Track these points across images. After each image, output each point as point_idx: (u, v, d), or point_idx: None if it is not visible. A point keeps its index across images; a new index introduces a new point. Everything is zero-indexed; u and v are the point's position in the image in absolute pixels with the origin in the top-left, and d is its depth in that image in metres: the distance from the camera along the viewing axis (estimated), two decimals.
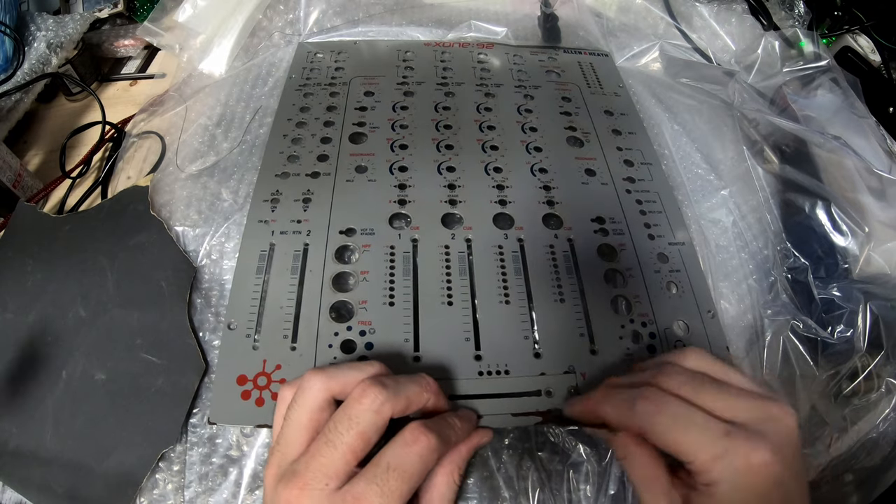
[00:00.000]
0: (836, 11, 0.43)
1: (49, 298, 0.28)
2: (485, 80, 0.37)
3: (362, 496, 0.17)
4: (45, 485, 0.24)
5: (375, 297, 0.26)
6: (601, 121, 0.34)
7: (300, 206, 0.29)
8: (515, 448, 0.24)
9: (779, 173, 0.33)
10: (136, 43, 0.44)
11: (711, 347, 0.26)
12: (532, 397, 0.24)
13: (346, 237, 0.28)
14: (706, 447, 0.18)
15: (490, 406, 0.23)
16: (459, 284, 0.26)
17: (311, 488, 0.18)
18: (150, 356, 0.26)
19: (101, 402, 0.25)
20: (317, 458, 0.18)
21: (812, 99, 0.35)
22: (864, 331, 0.27)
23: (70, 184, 0.34)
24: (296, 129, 0.33)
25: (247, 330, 0.25)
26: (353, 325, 0.25)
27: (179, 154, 0.33)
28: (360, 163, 0.31)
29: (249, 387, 0.24)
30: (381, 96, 0.35)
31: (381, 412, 0.19)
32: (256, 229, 0.28)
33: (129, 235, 0.29)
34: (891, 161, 0.31)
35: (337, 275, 0.27)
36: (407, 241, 0.28)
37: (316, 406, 0.19)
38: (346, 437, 0.18)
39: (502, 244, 0.28)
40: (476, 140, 0.33)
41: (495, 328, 0.25)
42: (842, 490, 0.27)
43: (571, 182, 0.31)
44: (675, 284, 0.28)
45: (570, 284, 0.27)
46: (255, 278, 0.26)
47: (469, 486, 0.23)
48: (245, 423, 0.24)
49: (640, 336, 0.26)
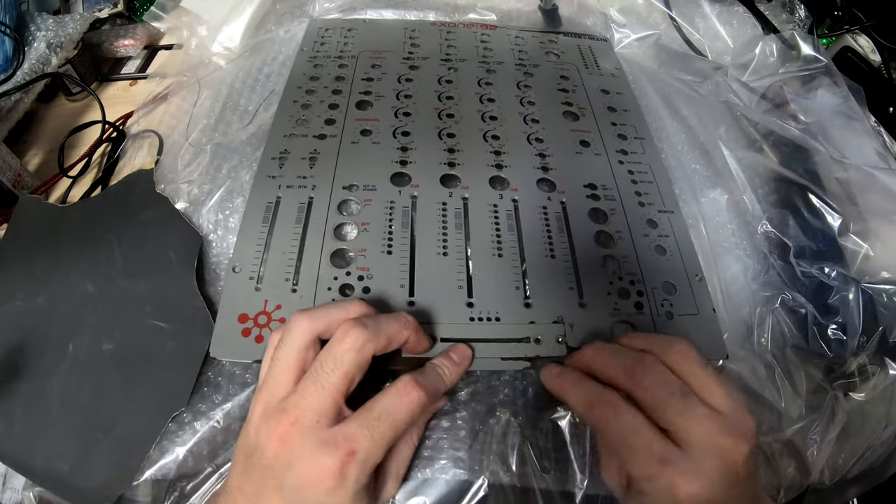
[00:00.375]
0: (836, 11, 0.43)
1: (57, 280, 0.28)
2: (487, 58, 0.38)
3: (353, 437, 0.18)
4: (51, 464, 0.24)
5: (374, 245, 0.27)
6: (597, 98, 0.36)
7: (306, 163, 0.30)
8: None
9: (762, 162, 0.33)
10: (136, 43, 0.44)
11: (698, 308, 0.27)
12: (521, 343, 0.25)
13: (349, 192, 0.29)
14: (642, 465, 0.19)
15: (480, 350, 0.24)
16: (455, 237, 0.28)
17: (302, 424, 0.19)
18: (158, 322, 0.27)
19: (108, 372, 0.26)
20: (305, 398, 0.19)
21: (811, 99, 0.36)
22: (858, 315, 0.28)
23: (70, 182, 0.35)
24: (305, 95, 0.34)
25: (250, 273, 0.26)
26: (352, 270, 0.26)
27: (188, 132, 0.34)
28: (365, 127, 0.32)
29: (250, 325, 0.25)
30: (387, 69, 0.36)
31: (363, 351, 0.20)
32: (264, 183, 0.30)
33: (137, 213, 0.30)
34: (879, 161, 0.32)
35: (338, 225, 0.28)
36: (406, 198, 0.29)
37: (301, 346, 0.20)
38: (332, 377, 0.19)
39: (497, 203, 0.29)
40: (476, 110, 0.34)
41: (488, 278, 0.26)
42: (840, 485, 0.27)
43: (566, 151, 0.32)
44: (664, 248, 0.29)
45: (561, 242, 0.28)
46: (260, 226, 0.28)
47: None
48: (244, 359, 0.25)
49: (629, 293, 0.27)
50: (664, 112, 0.36)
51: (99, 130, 0.36)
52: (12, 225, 0.31)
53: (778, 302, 0.29)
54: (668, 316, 0.26)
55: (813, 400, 0.27)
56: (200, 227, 0.30)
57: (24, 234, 0.31)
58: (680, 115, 0.37)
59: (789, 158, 0.33)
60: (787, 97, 0.35)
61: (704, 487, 0.18)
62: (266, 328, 0.25)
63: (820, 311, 0.29)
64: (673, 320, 0.26)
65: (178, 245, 0.29)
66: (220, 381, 0.25)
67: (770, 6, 0.44)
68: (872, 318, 0.28)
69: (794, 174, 0.32)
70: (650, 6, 0.42)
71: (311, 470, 0.18)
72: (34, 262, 0.29)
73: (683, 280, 0.28)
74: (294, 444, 0.18)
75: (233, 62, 0.38)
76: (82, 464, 0.24)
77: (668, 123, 0.36)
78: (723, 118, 0.36)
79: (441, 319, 0.25)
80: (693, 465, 0.18)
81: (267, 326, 0.25)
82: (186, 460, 0.24)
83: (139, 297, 0.27)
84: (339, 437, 0.18)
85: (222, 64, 0.38)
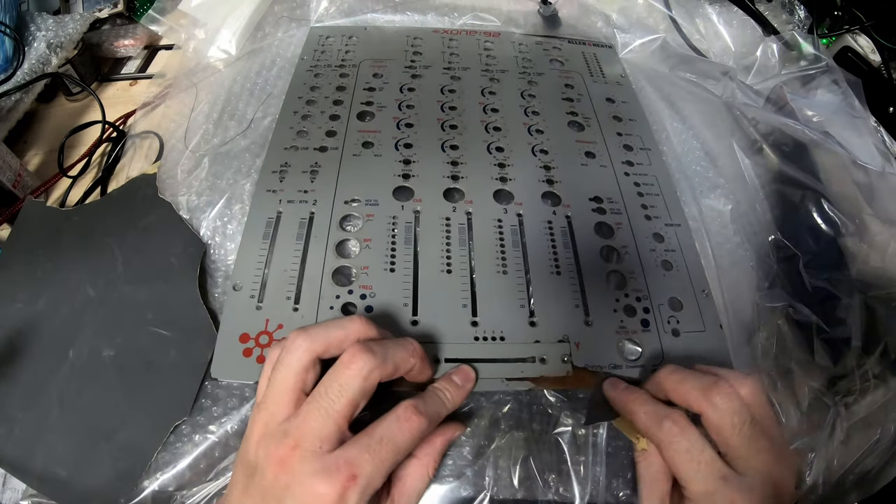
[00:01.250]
0: (836, 11, 0.43)
1: (58, 284, 0.28)
2: (490, 66, 0.38)
3: (355, 462, 0.18)
4: (48, 469, 0.24)
5: (377, 263, 0.27)
6: (602, 107, 0.35)
7: (307, 177, 0.30)
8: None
9: (774, 167, 0.33)
10: (136, 43, 0.44)
11: (705, 325, 0.27)
12: (526, 363, 0.24)
13: (351, 207, 0.29)
14: (702, 481, 0.20)
15: (485, 370, 0.24)
16: (459, 254, 0.27)
17: (304, 449, 0.18)
18: (160, 330, 0.26)
19: (108, 378, 0.25)
20: (308, 422, 0.19)
21: (811, 98, 0.36)
22: (860, 323, 0.28)
23: (70, 183, 0.35)
24: (306, 106, 0.34)
25: (251, 291, 0.26)
26: (355, 288, 0.26)
27: (187, 137, 0.34)
28: (367, 139, 0.32)
29: (251, 345, 0.25)
30: (389, 78, 0.36)
31: (369, 379, 0.19)
32: (264, 198, 0.29)
33: (139, 218, 0.30)
34: (884, 161, 0.32)
35: (340, 241, 0.27)
36: (409, 213, 0.28)
37: (301, 367, 0.20)
38: (338, 404, 0.19)
39: (502, 218, 0.29)
40: (480, 121, 0.34)
41: (492, 296, 0.26)
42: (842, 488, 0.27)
43: (571, 163, 0.32)
44: (670, 263, 0.28)
45: (566, 258, 0.28)
46: (261, 243, 0.27)
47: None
48: (246, 380, 0.24)
49: (635, 310, 0.26)
50: (666, 116, 0.36)
51: (98, 130, 0.36)
52: (15, 228, 0.31)
53: (783, 313, 0.29)
54: (674, 333, 0.26)
55: (814, 414, 0.27)
56: (200, 233, 0.29)
57: (27, 237, 0.30)
58: (682, 116, 0.36)
59: (793, 162, 0.33)
60: (787, 98, 0.35)
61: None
62: (268, 348, 0.25)
63: (827, 322, 0.28)
64: (679, 337, 0.26)
65: (180, 252, 0.28)
66: (219, 394, 0.25)
67: (770, 6, 0.44)
68: (876, 330, 0.28)
69: (803, 177, 0.31)
70: (650, 8, 0.42)
71: (311, 496, 0.18)
72: (36, 264, 0.29)
73: (690, 296, 0.27)
74: (294, 468, 0.18)
75: (230, 66, 0.38)
76: (82, 470, 0.24)
77: (668, 125, 0.36)
78: (731, 122, 0.35)
79: (445, 339, 0.25)
80: (750, 488, 0.19)
81: (269, 346, 0.25)
82: (184, 473, 0.23)
83: (140, 303, 0.27)
84: (341, 461, 0.18)
85: (220, 67, 0.38)
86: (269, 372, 0.21)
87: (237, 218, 0.29)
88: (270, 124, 0.34)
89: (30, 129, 0.39)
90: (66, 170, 0.34)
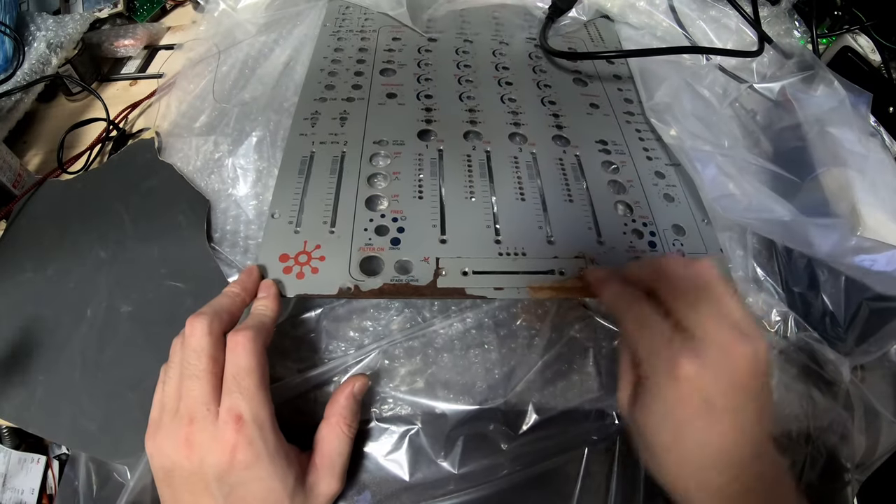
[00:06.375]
0: (836, 11, 0.43)
1: (67, 249, 0.29)
2: (500, 31, 0.41)
3: (233, 406, 0.20)
4: (77, 424, 0.25)
5: (406, 192, 0.29)
6: (603, 67, 0.39)
7: (337, 122, 0.32)
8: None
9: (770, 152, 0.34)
10: (136, 43, 0.44)
11: (706, 249, 0.29)
12: (547, 275, 0.27)
13: (379, 146, 0.31)
14: (647, 344, 0.20)
15: (509, 280, 0.26)
16: (480, 184, 0.30)
17: (198, 419, 0.20)
18: (175, 283, 0.27)
19: (128, 332, 0.26)
20: (190, 394, 0.20)
21: (811, 97, 0.36)
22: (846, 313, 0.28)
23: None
24: (331, 64, 0.36)
25: (289, 217, 0.28)
26: (387, 213, 0.28)
27: (215, 90, 0.35)
28: (391, 91, 0.35)
29: (291, 263, 0.26)
30: (407, 41, 0.39)
31: (213, 332, 0.21)
32: (298, 141, 0.31)
33: (141, 181, 0.31)
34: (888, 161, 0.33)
35: (371, 175, 0.30)
36: (434, 150, 0.31)
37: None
38: (200, 365, 0.20)
39: (517, 156, 0.31)
40: (493, 77, 0.37)
41: (513, 219, 0.28)
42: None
43: (577, 112, 0.35)
44: (672, 196, 0.31)
45: (577, 188, 0.30)
46: (297, 177, 0.29)
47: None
48: (286, 294, 0.26)
49: (642, 233, 0.29)
50: (660, 72, 0.38)
51: (99, 129, 0.36)
52: (18, 204, 0.31)
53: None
54: (679, 254, 0.28)
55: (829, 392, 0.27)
56: (211, 189, 0.30)
57: (30, 209, 0.31)
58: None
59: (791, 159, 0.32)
60: (788, 97, 0.36)
61: (703, 372, 0.18)
62: (307, 266, 0.26)
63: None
64: (684, 258, 0.28)
65: (186, 209, 0.29)
66: None
67: (770, 7, 0.43)
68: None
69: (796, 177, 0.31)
70: (649, 13, 0.44)
71: (221, 455, 0.19)
72: (42, 232, 0.30)
73: (692, 223, 0.30)
74: (197, 441, 0.20)
75: (252, 36, 0.40)
76: (111, 420, 0.25)
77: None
78: (735, 126, 0.36)
79: (472, 254, 0.27)
80: (696, 350, 0.19)
81: (307, 264, 0.26)
82: None
83: (153, 260, 0.28)
84: (224, 414, 0.20)
85: (251, 30, 0.39)
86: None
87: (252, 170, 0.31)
88: (299, 84, 0.35)
89: (30, 129, 0.39)
90: (65, 165, 0.34)
